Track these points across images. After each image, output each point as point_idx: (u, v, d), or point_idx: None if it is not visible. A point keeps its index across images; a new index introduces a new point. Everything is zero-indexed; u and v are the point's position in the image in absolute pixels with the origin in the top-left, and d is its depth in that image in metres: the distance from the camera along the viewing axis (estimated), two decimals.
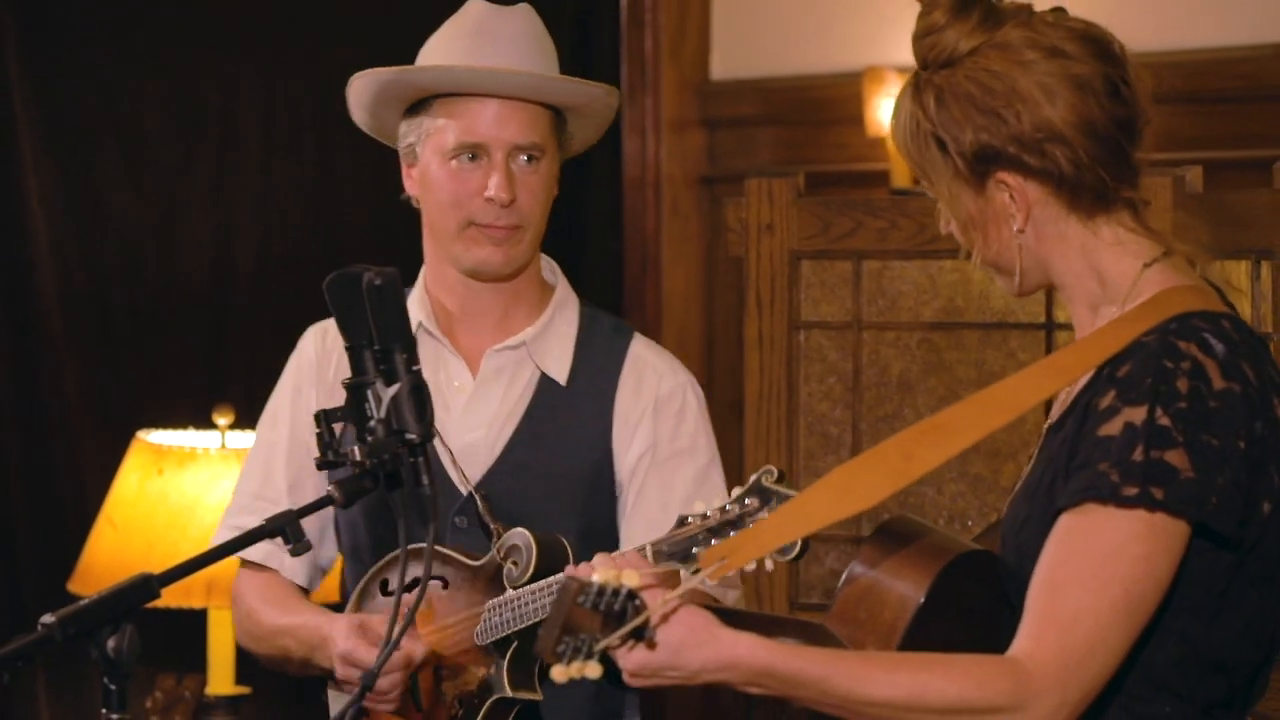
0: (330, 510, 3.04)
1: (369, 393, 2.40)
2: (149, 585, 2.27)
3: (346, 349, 2.44)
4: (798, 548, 2.56)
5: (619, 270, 5.71)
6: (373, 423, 2.39)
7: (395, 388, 2.39)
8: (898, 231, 3.62)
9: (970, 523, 3.60)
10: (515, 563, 2.90)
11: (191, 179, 5.21)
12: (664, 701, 3.44)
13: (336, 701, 3.04)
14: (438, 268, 3.11)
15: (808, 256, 3.68)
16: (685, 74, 5.45)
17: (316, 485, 3.09)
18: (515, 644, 2.91)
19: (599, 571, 2.09)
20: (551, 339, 3.09)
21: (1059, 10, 2.39)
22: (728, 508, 2.68)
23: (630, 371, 3.09)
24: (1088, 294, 2.38)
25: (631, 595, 2.09)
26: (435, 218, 3.06)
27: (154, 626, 2.85)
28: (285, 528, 2.37)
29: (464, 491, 3.02)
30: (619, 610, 2.09)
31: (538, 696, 2.91)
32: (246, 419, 4.62)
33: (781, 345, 3.68)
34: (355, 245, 5.18)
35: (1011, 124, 2.30)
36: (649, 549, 2.72)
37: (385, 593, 3.05)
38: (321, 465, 2.43)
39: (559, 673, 2.06)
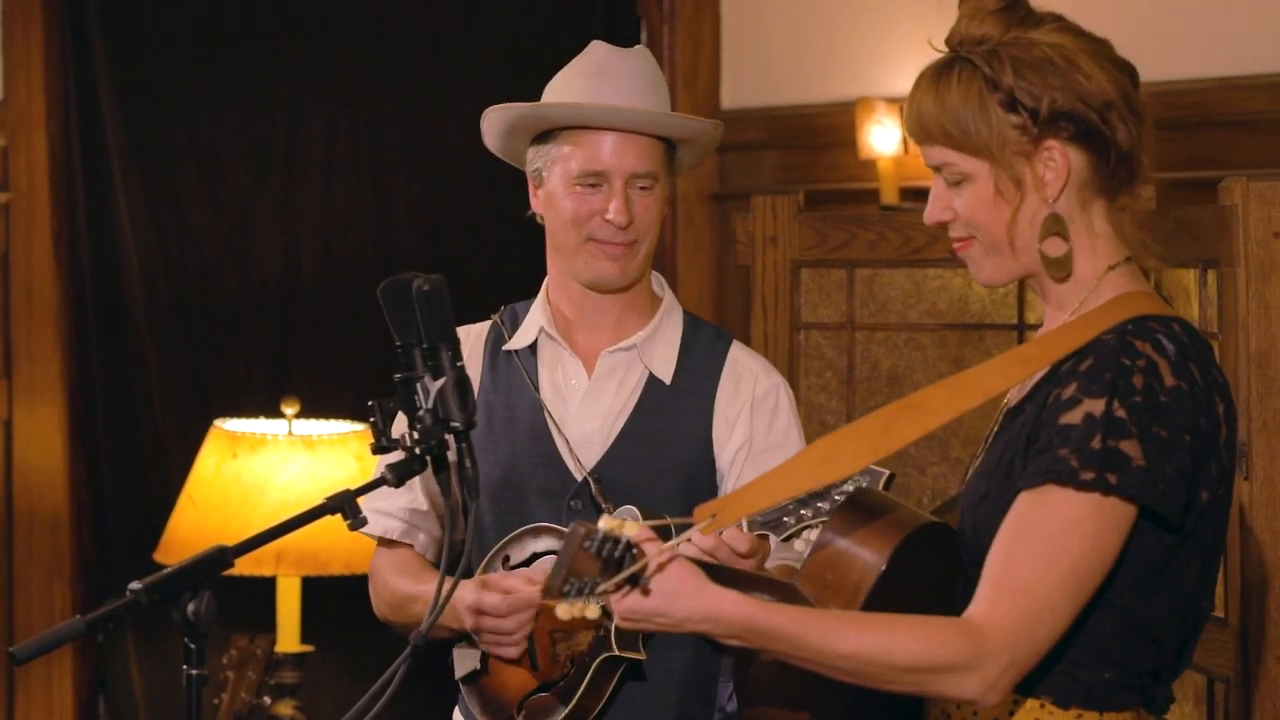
0: (458, 495, 3.04)
1: (418, 386, 2.41)
2: (224, 556, 2.27)
3: (397, 347, 2.45)
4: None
5: None
6: (421, 412, 2.40)
7: (441, 381, 2.40)
8: (886, 243, 3.63)
9: None
10: None
11: (261, 198, 5.22)
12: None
13: (461, 661, 3.01)
14: (560, 279, 3.08)
15: (807, 265, 3.68)
16: (698, 103, 5.44)
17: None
18: None
19: (602, 520, 2.05)
20: (659, 343, 3.06)
21: None
22: None
23: (729, 373, 3.06)
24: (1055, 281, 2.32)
25: (630, 545, 2.06)
26: (559, 234, 3.03)
27: (229, 592, 2.86)
28: (344, 506, 2.37)
29: (579, 478, 2.99)
30: (618, 558, 2.06)
31: (641, 656, 2.86)
32: (310, 409, 4.65)
33: (784, 344, 3.69)
34: (406, 255, 5.20)
35: (1084, 86, 2.23)
36: (744, 520, 2.71)
37: (506, 568, 3.02)
38: (375, 450, 2.43)
39: (562, 610, 2.02)
